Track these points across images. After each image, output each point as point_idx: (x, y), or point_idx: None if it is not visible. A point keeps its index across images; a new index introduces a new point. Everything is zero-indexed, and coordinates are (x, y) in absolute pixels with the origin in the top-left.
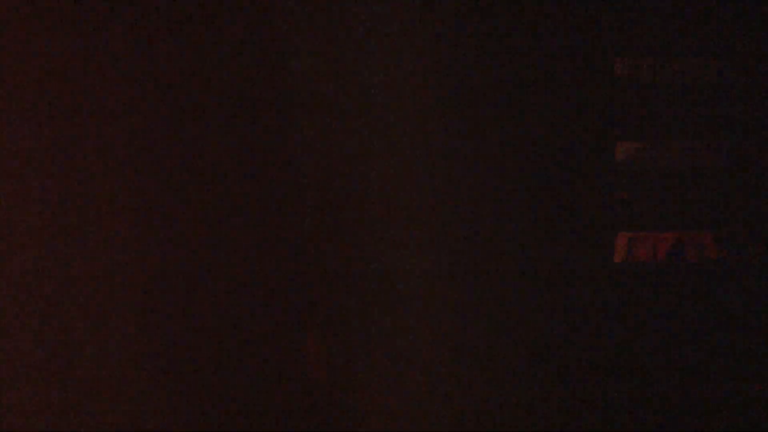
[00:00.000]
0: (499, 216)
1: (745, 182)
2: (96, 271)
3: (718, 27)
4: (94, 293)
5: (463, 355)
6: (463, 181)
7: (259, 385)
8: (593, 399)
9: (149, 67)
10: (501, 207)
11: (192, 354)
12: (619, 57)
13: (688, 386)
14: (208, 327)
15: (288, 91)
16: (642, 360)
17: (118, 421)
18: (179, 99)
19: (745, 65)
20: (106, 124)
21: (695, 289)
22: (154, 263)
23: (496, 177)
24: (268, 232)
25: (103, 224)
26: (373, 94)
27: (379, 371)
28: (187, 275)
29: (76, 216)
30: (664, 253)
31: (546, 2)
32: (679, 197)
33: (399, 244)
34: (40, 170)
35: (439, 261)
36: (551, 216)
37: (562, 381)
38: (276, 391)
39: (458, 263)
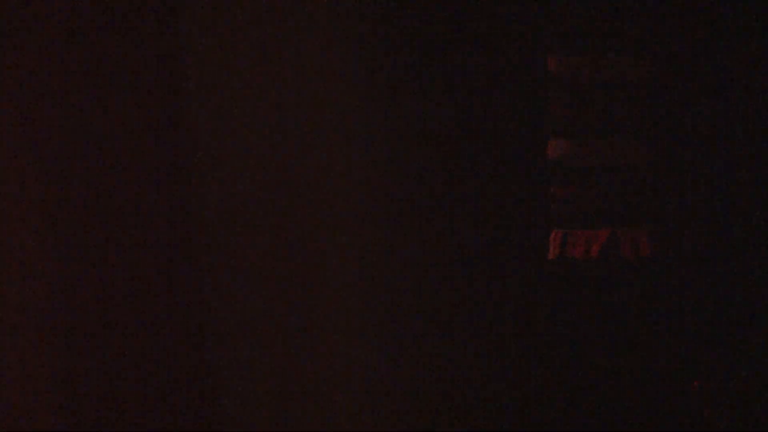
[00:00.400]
0: (432, 214)
1: (677, 179)
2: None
3: (650, 26)
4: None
5: (395, 353)
6: (395, 179)
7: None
8: (525, 394)
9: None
10: (435, 205)
11: (90, 355)
12: (552, 55)
13: (620, 381)
14: (107, 328)
15: (193, 95)
16: (575, 356)
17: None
18: (73, 102)
19: (675, 64)
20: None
21: (629, 286)
22: (60, 264)
23: (429, 175)
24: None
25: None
26: (289, 95)
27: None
28: (90, 277)
29: None
30: (598, 250)
31: (480, 0)
32: (613, 194)
33: (331, 243)
34: None
35: (370, 260)
36: (485, 213)
37: (495, 376)
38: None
39: (391, 261)
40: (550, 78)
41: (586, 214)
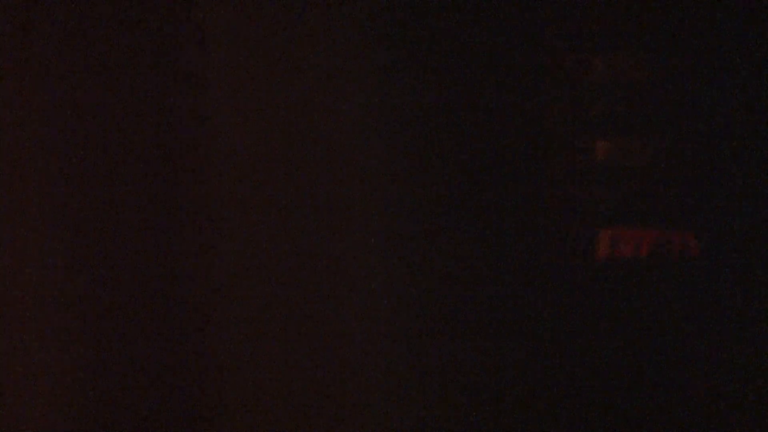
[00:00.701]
0: (483, 218)
1: (726, 179)
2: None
3: (685, 24)
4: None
5: (438, 357)
6: (440, 181)
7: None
8: (572, 400)
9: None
10: (485, 209)
11: (96, 354)
12: (592, 55)
13: (669, 385)
14: (113, 326)
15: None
16: (625, 360)
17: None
18: (84, 100)
19: (712, 61)
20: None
21: (678, 287)
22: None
23: (478, 178)
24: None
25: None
26: (322, 94)
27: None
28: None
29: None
30: (647, 250)
31: (517, 3)
32: (660, 194)
33: (352, 242)
34: None
35: (416, 261)
36: (534, 215)
37: (543, 380)
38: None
39: (437, 264)
40: (595, 78)
41: (633, 214)
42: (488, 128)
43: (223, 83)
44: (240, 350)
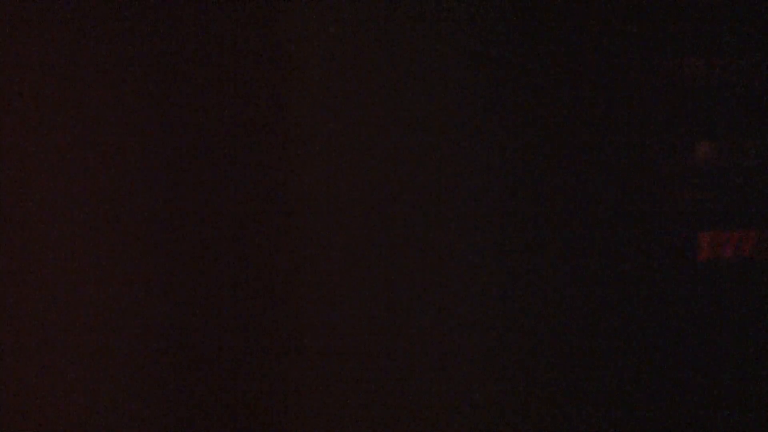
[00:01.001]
0: (582, 218)
1: None
2: (97, 274)
3: None
4: (95, 293)
5: (544, 355)
6: (543, 181)
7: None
8: (678, 398)
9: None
10: (584, 209)
11: (179, 356)
12: (699, 57)
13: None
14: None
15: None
16: (731, 361)
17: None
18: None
19: None
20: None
21: None
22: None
23: (578, 179)
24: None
25: (103, 227)
26: (398, 93)
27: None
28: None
29: (78, 218)
30: (749, 250)
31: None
32: (761, 194)
33: (445, 243)
34: (43, 172)
35: (520, 260)
36: (634, 216)
37: (648, 379)
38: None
39: (542, 263)
40: (695, 80)
41: (735, 215)
42: (591, 132)
43: (315, 78)
44: (327, 351)
